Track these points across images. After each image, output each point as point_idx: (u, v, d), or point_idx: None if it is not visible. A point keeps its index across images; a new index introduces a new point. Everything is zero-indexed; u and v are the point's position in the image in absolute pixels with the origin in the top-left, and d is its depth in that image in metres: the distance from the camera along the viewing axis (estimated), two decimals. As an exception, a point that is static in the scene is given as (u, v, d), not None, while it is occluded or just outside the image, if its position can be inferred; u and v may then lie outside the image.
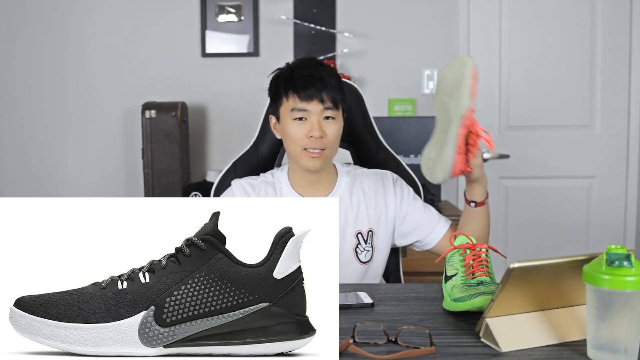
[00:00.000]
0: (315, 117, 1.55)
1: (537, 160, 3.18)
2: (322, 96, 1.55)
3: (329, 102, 1.56)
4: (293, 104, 1.56)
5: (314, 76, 1.56)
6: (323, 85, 1.55)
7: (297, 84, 1.55)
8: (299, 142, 1.56)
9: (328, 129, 1.56)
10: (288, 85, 1.57)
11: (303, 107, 1.55)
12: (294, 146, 1.58)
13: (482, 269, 1.23)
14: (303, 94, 1.54)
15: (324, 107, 1.55)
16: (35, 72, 3.19)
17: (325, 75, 1.57)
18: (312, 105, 1.55)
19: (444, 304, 1.25)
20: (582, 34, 3.12)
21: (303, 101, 1.55)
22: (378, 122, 1.94)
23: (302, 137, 1.56)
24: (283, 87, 1.58)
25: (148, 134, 2.85)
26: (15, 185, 3.24)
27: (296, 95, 1.55)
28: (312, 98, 1.54)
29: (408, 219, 1.67)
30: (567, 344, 1.04)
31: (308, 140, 1.55)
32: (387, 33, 3.15)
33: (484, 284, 1.21)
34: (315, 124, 1.55)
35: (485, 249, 1.27)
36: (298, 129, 1.56)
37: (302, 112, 1.55)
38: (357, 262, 1.63)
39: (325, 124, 1.56)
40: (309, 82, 1.55)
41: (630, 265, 0.92)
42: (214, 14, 3.13)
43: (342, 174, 1.69)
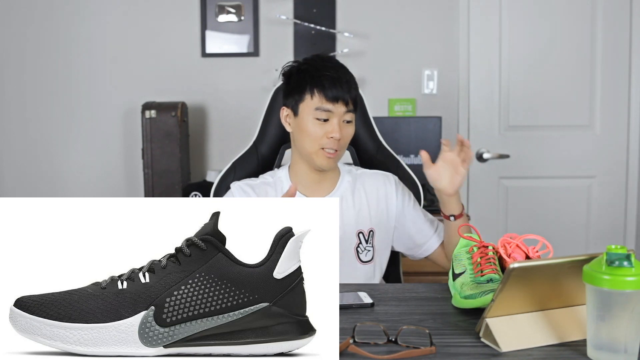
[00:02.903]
0: (337, 119, 1.57)
1: (537, 160, 3.17)
2: (347, 99, 1.57)
3: (352, 105, 1.59)
4: (318, 103, 1.57)
5: (342, 78, 1.58)
6: (348, 88, 1.58)
7: (325, 84, 1.56)
8: (318, 141, 1.58)
9: (345, 131, 1.59)
10: (315, 83, 1.57)
11: (328, 108, 1.57)
12: (312, 144, 1.59)
13: (490, 267, 1.24)
14: (330, 95, 1.56)
15: (346, 110, 1.58)
16: (35, 72, 3.19)
17: (350, 80, 1.60)
18: (337, 107, 1.57)
19: (454, 301, 1.25)
20: (582, 34, 3.12)
21: (329, 102, 1.56)
22: (378, 122, 1.94)
23: (321, 136, 1.57)
24: (309, 84, 1.58)
25: (148, 134, 2.85)
26: (15, 185, 3.24)
27: (323, 96, 1.56)
28: (338, 100, 1.56)
29: (407, 224, 1.68)
30: (567, 344, 1.04)
31: (327, 140, 1.57)
32: (387, 33, 3.15)
33: (494, 281, 1.21)
34: (337, 126, 1.56)
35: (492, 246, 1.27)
36: (319, 128, 1.57)
37: (327, 112, 1.57)
38: (358, 262, 1.64)
39: (344, 127, 1.58)
40: (337, 83, 1.56)
41: (630, 265, 0.92)
42: (214, 14, 3.13)
43: (344, 173, 1.70)
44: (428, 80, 3.15)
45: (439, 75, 3.15)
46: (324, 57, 1.65)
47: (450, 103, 3.16)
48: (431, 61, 3.16)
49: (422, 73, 3.16)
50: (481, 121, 3.17)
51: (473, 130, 3.17)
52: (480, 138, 3.17)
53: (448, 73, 3.16)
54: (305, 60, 1.64)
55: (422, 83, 3.16)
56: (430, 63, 3.16)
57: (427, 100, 3.15)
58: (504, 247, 1.29)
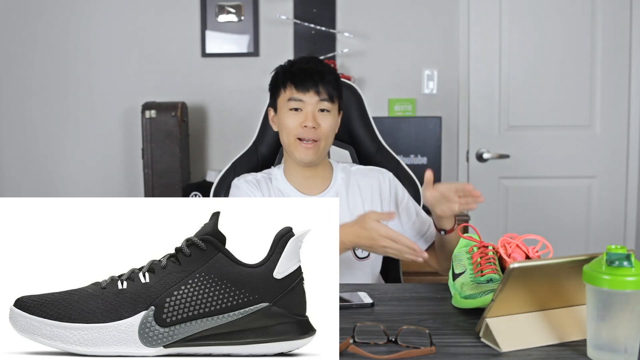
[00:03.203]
0: (310, 108, 1.59)
1: (537, 160, 3.17)
2: (318, 88, 1.59)
3: (325, 95, 1.59)
4: (290, 94, 1.60)
5: (312, 69, 1.61)
6: (320, 78, 1.59)
7: (295, 76, 1.60)
8: (293, 132, 1.59)
9: (322, 120, 1.60)
10: (286, 77, 1.62)
11: (299, 98, 1.59)
12: (288, 136, 1.61)
13: (490, 267, 1.24)
14: (300, 85, 1.59)
15: (319, 98, 1.59)
16: (35, 72, 3.19)
17: (323, 70, 1.62)
18: (308, 96, 1.59)
19: (454, 301, 1.25)
20: (582, 34, 3.12)
21: (299, 92, 1.59)
22: (378, 122, 1.94)
23: (296, 126, 1.59)
24: (282, 79, 1.63)
25: (148, 134, 2.85)
26: (15, 185, 3.24)
27: (293, 86, 1.59)
28: (308, 89, 1.58)
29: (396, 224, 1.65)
30: (567, 344, 1.04)
31: (302, 130, 1.58)
32: (387, 33, 3.15)
33: (494, 281, 1.21)
34: (310, 115, 1.58)
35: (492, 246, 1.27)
36: (293, 118, 1.60)
37: (298, 102, 1.59)
38: (354, 258, 1.64)
39: (319, 116, 1.60)
40: (307, 74, 1.59)
41: (630, 265, 0.92)
42: (214, 14, 3.13)
43: (337, 170, 1.70)
44: (428, 80, 3.15)
45: (439, 75, 3.15)
46: (305, 57, 1.70)
47: (450, 103, 3.16)
48: (431, 61, 3.16)
49: (422, 73, 3.16)
50: (481, 121, 3.17)
51: (473, 130, 3.17)
52: (480, 138, 3.17)
53: (448, 73, 3.16)
54: (288, 61, 1.68)
55: (422, 83, 3.16)
56: (430, 63, 3.16)
57: (427, 100, 3.15)
58: (504, 247, 1.29)
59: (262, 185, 1.65)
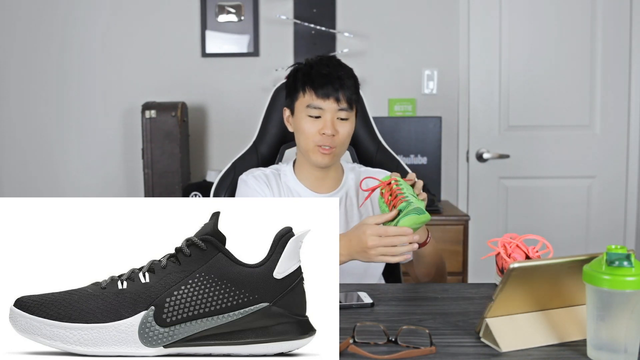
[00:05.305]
0: (329, 116, 1.57)
1: (537, 160, 3.17)
2: (338, 95, 1.57)
3: (345, 103, 1.58)
4: (309, 100, 1.58)
5: (332, 75, 1.58)
6: (340, 85, 1.57)
7: (315, 81, 1.58)
8: (312, 138, 1.58)
9: (340, 128, 1.59)
10: (306, 81, 1.59)
11: (319, 105, 1.57)
12: (306, 141, 1.60)
13: (398, 199, 1.33)
14: (320, 92, 1.57)
15: (339, 107, 1.58)
16: (35, 72, 3.19)
17: (343, 75, 1.59)
18: (328, 103, 1.57)
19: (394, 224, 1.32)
20: (582, 34, 3.12)
21: (319, 99, 1.57)
22: (378, 122, 1.94)
23: (314, 133, 1.58)
24: (301, 82, 1.60)
25: (148, 134, 2.85)
26: (15, 185, 3.24)
27: (313, 92, 1.57)
28: (328, 96, 1.57)
29: None
30: (567, 344, 1.04)
31: (320, 137, 1.58)
32: (387, 33, 3.15)
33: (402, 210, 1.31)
34: (329, 123, 1.57)
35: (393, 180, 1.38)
36: (312, 125, 1.58)
37: (318, 110, 1.58)
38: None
39: (338, 123, 1.58)
40: (327, 81, 1.57)
41: (630, 265, 0.92)
42: (214, 14, 3.13)
43: (347, 170, 1.71)
44: (428, 80, 3.15)
45: (439, 75, 3.15)
46: (325, 57, 1.66)
47: (450, 103, 3.16)
48: (431, 61, 3.16)
49: (422, 73, 3.16)
50: (481, 121, 3.17)
51: (473, 130, 3.17)
52: (480, 138, 3.17)
53: (448, 73, 3.16)
54: (306, 61, 1.65)
55: (422, 83, 3.16)
56: (430, 63, 3.16)
57: (427, 100, 3.15)
58: (504, 247, 1.29)
59: (272, 181, 1.65)
